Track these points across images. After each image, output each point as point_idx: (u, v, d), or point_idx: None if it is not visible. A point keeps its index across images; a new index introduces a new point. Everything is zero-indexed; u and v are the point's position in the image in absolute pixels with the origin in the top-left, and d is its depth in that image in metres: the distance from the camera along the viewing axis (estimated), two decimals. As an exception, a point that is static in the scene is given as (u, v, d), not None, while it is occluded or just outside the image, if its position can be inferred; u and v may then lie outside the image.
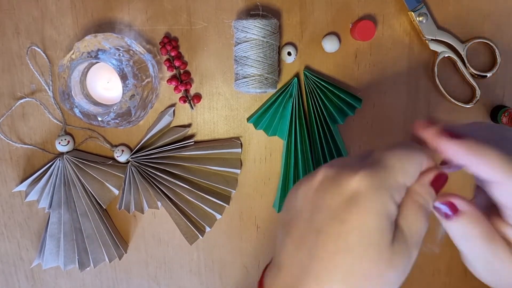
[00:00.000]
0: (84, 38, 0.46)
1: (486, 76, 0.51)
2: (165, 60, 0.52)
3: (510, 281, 0.30)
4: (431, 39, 0.50)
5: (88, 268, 0.54)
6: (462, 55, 0.51)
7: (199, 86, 0.53)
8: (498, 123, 0.50)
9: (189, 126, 0.54)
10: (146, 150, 0.53)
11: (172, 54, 0.51)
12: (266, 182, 0.55)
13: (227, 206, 0.54)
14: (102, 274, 0.58)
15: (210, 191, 0.54)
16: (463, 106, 0.51)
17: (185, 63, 0.52)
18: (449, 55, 0.50)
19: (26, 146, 0.55)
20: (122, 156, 0.53)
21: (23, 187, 0.55)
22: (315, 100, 0.51)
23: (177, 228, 0.53)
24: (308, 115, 0.52)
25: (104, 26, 0.52)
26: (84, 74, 0.49)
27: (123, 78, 0.46)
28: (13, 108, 0.54)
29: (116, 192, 0.55)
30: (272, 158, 0.54)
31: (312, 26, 0.51)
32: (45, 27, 0.52)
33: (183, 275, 0.58)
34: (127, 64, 0.46)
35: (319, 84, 0.50)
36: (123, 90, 0.46)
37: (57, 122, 0.54)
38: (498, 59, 0.50)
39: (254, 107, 0.53)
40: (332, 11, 0.51)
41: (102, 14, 0.52)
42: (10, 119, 0.54)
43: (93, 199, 0.54)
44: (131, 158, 0.53)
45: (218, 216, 0.54)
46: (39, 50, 0.52)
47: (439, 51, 0.50)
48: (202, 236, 0.54)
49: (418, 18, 0.50)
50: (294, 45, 0.52)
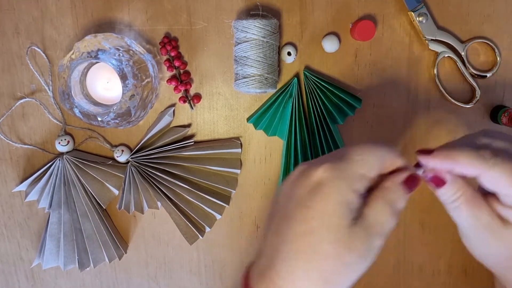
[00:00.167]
0: (84, 38, 0.46)
1: (486, 76, 0.51)
2: (165, 60, 0.52)
3: (498, 252, 0.33)
4: (431, 39, 0.50)
5: (88, 268, 0.54)
6: (462, 55, 0.51)
7: (199, 86, 0.53)
8: (498, 123, 0.50)
9: (189, 126, 0.54)
10: (146, 150, 0.53)
11: (172, 54, 0.51)
12: (266, 182, 0.55)
13: (227, 206, 0.54)
14: (102, 274, 0.58)
15: (210, 191, 0.54)
16: (463, 106, 0.51)
17: (185, 63, 0.52)
18: (449, 55, 0.50)
19: (26, 146, 0.55)
20: (122, 156, 0.53)
21: (23, 187, 0.55)
22: (315, 100, 0.51)
23: (177, 228, 0.53)
24: (308, 115, 0.52)
25: (104, 26, 0.52)
26: (84, 74, 0.49)
27: (123, 78, 0.46)
28: (13, 108, 0.54)
29: (116, 192, 0.55)
30: (272, 158, 0.54)
31: (312, 26, 0.51)
32: (45, 27, 0.52)
33: (183, 275, 0.58)
34: (127, 64, 0.46)
35: (319, 84, 0.50)
36: (123, 90, 0.46)
37: (57, 122, 0.54)
38: (498, 59, 0.50)
39: (254, 107, 0.53)
40: (332, 11, 0.51)
41: (102, 14, 0.52)
42: (10, 119, 0.54)
43: (93, 199, 0.54)
44: (131, 158, 0.53)
45: (218, 216, 0.54)
46: (39, 50, 0.52)
47: (439, 51, 0.50)
48: (202, 236, 0.54)
49: (418, 18, 0.50)
50: (294, 45, 0.52)
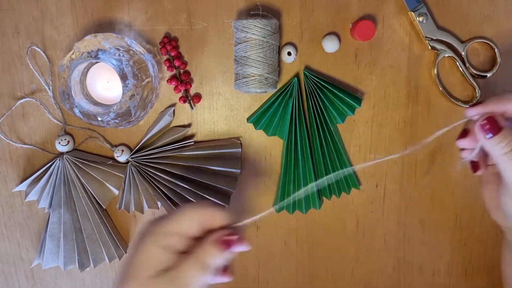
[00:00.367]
0: (84, 38, 0.46)
1: (486, 76, 0.51)
2: (165, 60, 0.52)
3: None
4: (431, 39, 0.50)
5: (88, 268, 0.54)
6: (462, 55, 0.51)
7: (199, 86, 0.53)
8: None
9: (189, 126, 0.54)
10: (146, 150, 0.53)
11: (172, 54, 0.51)
12: (266, 182, 0.55)
13: (227, 206, 0.54)
14: (102, 274, 0.58)
15: (210, 191, 0.53)
16: (463, 106, 0.51)
17: (185, 63, 0.52)
18: (449, 55, 0.50)
19: (26, 146, 0.55)
20: (122, 156, 0.53)
21: (23, 187, 0.55)
22: (315, 100, 0.51)
23: (177, 228, 0.53)
24: (308, 115, 0.52)
25: (104, 26, 0.52)
26: (84, 74, 0.49)
27: (123, 78, 0.46)
28: (13, 108, 0.54)
29: (116, 192, 0.55)
30: (272, 158, 0.54)
31: (312, 26, 0.51)
32: (45, 27, 0.52)
33: (183, 275, 0.57)
34: (127, 64, 0.46)
35: (319, 84, 0.50)
36: (123, 90, 0.46)
37: (57, 122, 0.54)
38: (498, 59, 0.50)
39: (254, 107, 0.53)
40: (332, 11, 0.51)
41: (102, 14, 0.52)
42: (10, 119, 0.54)
43: (93, 199, 0.54)
44: (131, 158, 0.53)
45: (218, 216, 0.54)
46: (39, 50, 0.52)
47: (439, 51, 0.50)
48: (202, 236, 0.54)
49: (418, 18, 0.50)
50: (294, 45, 0.52)
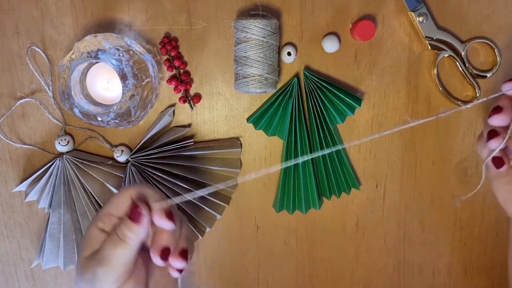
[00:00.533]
0: (84, 38, 0.46)
1: (486, 76, 0.51)
2: (165, 60, 0.52)
3: None
4: (431, 39, 0.50)
5: (88, 268, 0.54)
6: (462, 55, 0.51)
7: (199, 86, 0.53)
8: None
9: (189, 126, 0.54)
10: (146, 150, 0.53)
11: (172, 54, 0.51)
12: (266, 182, 0.55)
13: (227, 206, 0.54)
14: (102, 274, 0.58)
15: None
16: (463, 106, 0.51)
17: (185, 63, 0.52)
18: (449, 55, 0.50)
19: (26, 146, 0.55)
20: (122, 156, 0.53)
21: (23, 187, 0.55)
22: (315, 100, 0.51)
23: (177, 228, 0.53)
24: (308, 115, 0.52)
25: (104, 26, 0.52)
26: (84, 74, 0.49)
27: (123, 78, 0.46)
28: (13, 108, 0.54)
29: (116, 192, 0.55)
30: (272, 158, 0.54)
31: (312, 26, 0.51)
32: (45, 27, 0.52)
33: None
34: (127, 64, 0.46)
35: (319, 84, 0.50)
36: (123, 90, 0.46)
37: (57, 122, 0.54)
38: (498, 59, 0.50)
39: (254, 107, 0.53)
40: (332, 11, 0.51)
41: (102, 14, 0.52)
42: (10, 119, 0.54)
43: (93, 199, 0.54)
44: (131, 158, 0.53)
45: (218, 216, 0.54)
46: (39, 50, 0.52)
47: (439, 51, 0.50)
48: (202, 236, 0.54)
49: (418, 18, 0.50)
50: (294, 45, 0.52)
